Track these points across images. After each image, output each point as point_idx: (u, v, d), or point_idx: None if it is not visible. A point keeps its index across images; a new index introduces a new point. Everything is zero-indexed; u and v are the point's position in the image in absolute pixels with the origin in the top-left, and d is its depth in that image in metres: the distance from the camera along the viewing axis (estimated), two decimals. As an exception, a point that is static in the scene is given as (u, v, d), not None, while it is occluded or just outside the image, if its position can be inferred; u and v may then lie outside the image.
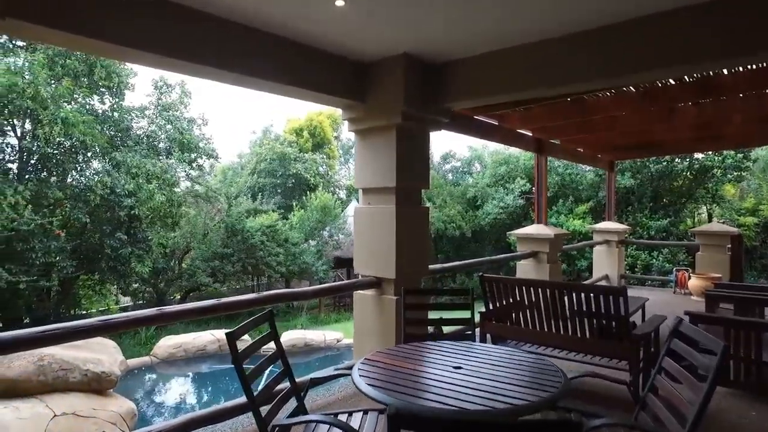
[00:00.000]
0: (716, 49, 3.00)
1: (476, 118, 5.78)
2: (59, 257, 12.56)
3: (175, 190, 15.95)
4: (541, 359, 2.56)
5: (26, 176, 12.98)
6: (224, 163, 28.57)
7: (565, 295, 3.64)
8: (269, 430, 2.21)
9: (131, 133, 15.56)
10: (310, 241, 20.95)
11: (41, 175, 13.39)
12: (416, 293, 3.93)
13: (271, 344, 2.61)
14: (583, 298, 3.52)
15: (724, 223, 14.43)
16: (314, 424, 2.25)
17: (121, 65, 14.48)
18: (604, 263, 9.56)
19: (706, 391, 1.83)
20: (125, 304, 17.60)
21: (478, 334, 4.01)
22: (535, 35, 3.57)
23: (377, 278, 4.29)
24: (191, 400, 10.85)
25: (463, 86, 4.11)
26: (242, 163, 30.25)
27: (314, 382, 2.86)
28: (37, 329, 2.43)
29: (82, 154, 13.69)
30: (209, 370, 11.76)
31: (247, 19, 3.19)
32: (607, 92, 5.28)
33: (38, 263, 12.17)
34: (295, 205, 23.09)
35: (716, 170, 17.89)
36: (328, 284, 4.99)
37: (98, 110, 14.74)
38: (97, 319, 2.68)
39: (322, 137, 30.60)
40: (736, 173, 17.93)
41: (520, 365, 2.48)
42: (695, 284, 8.01)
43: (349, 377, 2.38)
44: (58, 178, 13.59)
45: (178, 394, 11.20)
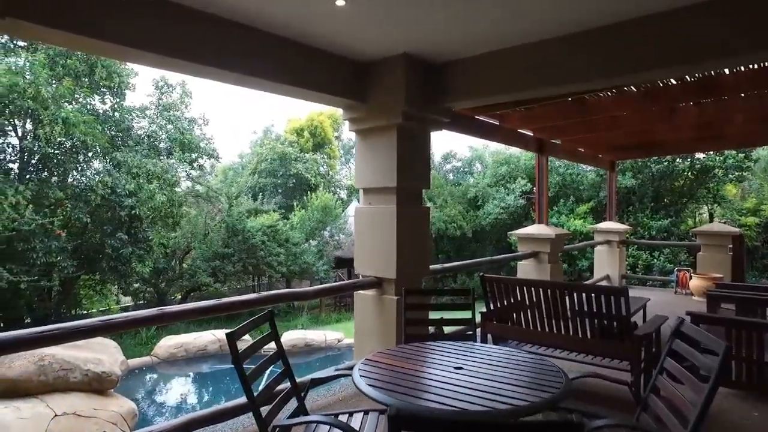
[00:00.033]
0: (716, 48, 2.99)
1: (477, 118, 5.77)
2: (60, 257, 12.57)
3: (175, 190, 15.97)
4: (542, 360, 2.56)
5: (27, 176, 12.99)
6: (225, 163, 28.63)
7: (566, 295, 3.63)
8: (270, 430, 2.20)
9: (132, 133, 15.58)
10: (310, 241, 20.95)
11: (42, 175, 13.40)
12: (417, 293, 3.93)
13: (271, 344, 2.60)
14: (584, 298, 3.51)
15: (725, 223, 14.40)
16: (315, 424, 2.24)
17: (122, 65, 14.49)
18: (605, 263, 9.55)
19: (708, 392, 1.82)
20: (126, 304, 17.61)
21: (479, 334, 4.01)
22: (535, 35, 3.56)
23: (378, 278, 4.28)
24: (192, 400, 10.84)
25: (463, 86, 4.11)
26: (243, 163, 30.27)
27: (315, 382, 2.86)
28: (37, 329, 2.43)
29: (83, 154, 13.70)
30: (210, 370, 11.76)
31: (247, 19, 3.18)
32: (608, 92, 5.26)
33: (39, 263, 12.19)
34: (295, 205, 23.08)
35: (717, 170, 17.88)
36: (328, 284, 4.98)
37: (99, 110, 14.75)
38: (97, 319, 2.68)
39: (322, 137, 30.62)
40: (737, 173, 17.92)
41: (521, 366, 2.47)
42: (696, 284, 8.00)
43: (349, 377, 2.38)
44: (59, 178, 13.60)
45: (179, 394, 11.19)
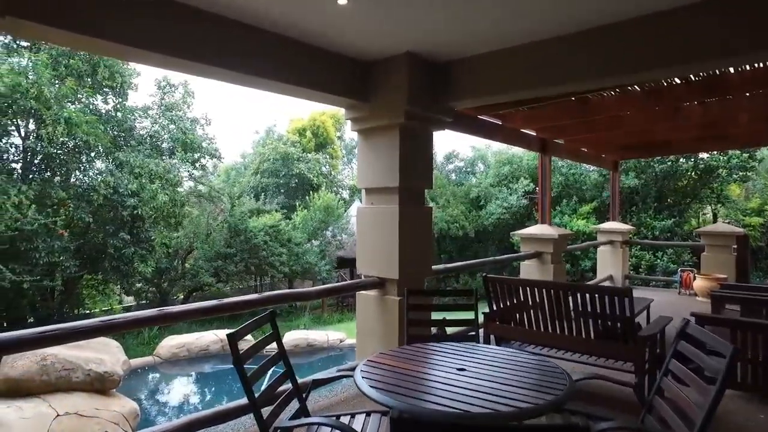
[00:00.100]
0: (716, 48, 2.98)
1: (480, 117, 5.75)
2: (63, 257, 12.58)
3: (178, 189, 15.97)
4: (545, 361, 2.53)
5: (30, 176, 13.01)
6: (227, 163, 28.63)
7: (569, 295, 3.60)
8: (271, 431, 2.19)
9: (134, 132, 15.59)
10: (313, 241, 20.94)
11: (45, 175, 13.41)
12: (419, 294, 3.91)
13: (273, 345, 2.59)
14: (587, 298, 3.48)
15: (729, 223, 14.35)
16: (316, 426, 2.22)
17: (124, 65, 14.51)
18: (608, 264, 9.51)
19: (714, 394, 1.79)
20: (128, 303, 17.64)
21: (481, 335, 3.99)
22: (535, 35, 3.55)
23: (380, 279, 4.26)
24: (194, 400, 10.84)
25: (465, 86, 4.08)
26: (245, 163, 30.29)
27: (317, 383, 2.85)
28: (39, 329, 2.42)
29: (85, 154, 13.72)
30: (212, 370, 11.75)
31: (249, 18, 3.17)
32: (611, 92, 5.23)
33: (42, 263, 12.20)
34: (298, 205, 23.08)
35: (721, 170, 17.81)
36: (330, 285, 4.97)
37: (101, 110, 14.76)
38: (98, 319, 2.67)
39: (325, 137, 30.63)
40: (741, 173, 17.84)
41: (524, 367, 2.45)
42: (700, 285, 7.96)
43: (351, 378, 2.36)
44: (61, 178, 13.61)
45: (181, 394, 11.20)
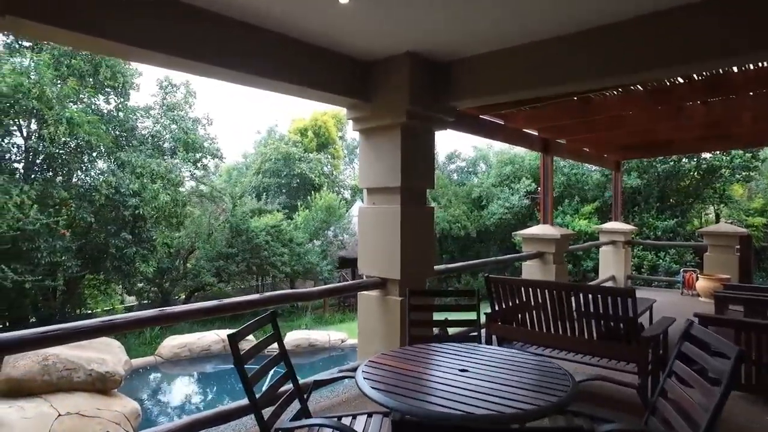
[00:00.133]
0: (716, 48, 2.98)
1: (481, 117, 5.73)
2: (64, 257, 12.60)
3: (179, 189, 15.99)
4: (548, 362, 2.52)
5: (32, 176, 13.04)
6: (229, 163, 28.62)
7: (572, 296, 3.59)
8: (272, 433, 2.18)
9: (136, 132, 15.61)
10: (314, 241, 20.94)
11: (47, 174, 13.43)
12: (421, 294, 3.90)
13: (274, 345, 2.58)
14: (590, 299, 3.46)
15: (732, 223, 14.30)
16: (317, 427, 2.21)
17: (126, 65, 14.52)
18: (610, 264, 9.49)
19: (720, 396, 1.77)
20: (130, 303, 17.65)
21: (483, 335, 3.97)
22: (535, 35, 3.54)
23: (382, 279, 4.25)
24: (196, 400, 10.84)
25: (467, 85, 4.07)
26: (247, 163, 30.29)
27: (318, 384, 2.84)
28: (41, 329, 2.42)
29: (87, 153, 13.73)
30: (214, 370, 11.75)
31: (249, 17, 3.16)
32: (614, 91, 5.21)
33: (44, 263, 12.22)
34: (299, 205, 23.09)
35: (724, 170, 17.75)
36: (332, 285, 4.96)
37: (103, 110, 14.79)
38: (100, 319, 2.67)
39: (326, 137, 30.63)
40: (744, 173, 17.78)
41: (527, 368, 2.43)
42: (703, 285, 7.93)
43: (353, 379, 2.34)
44: (63, 177, 13.63)
45: (182, 394, 11.20)
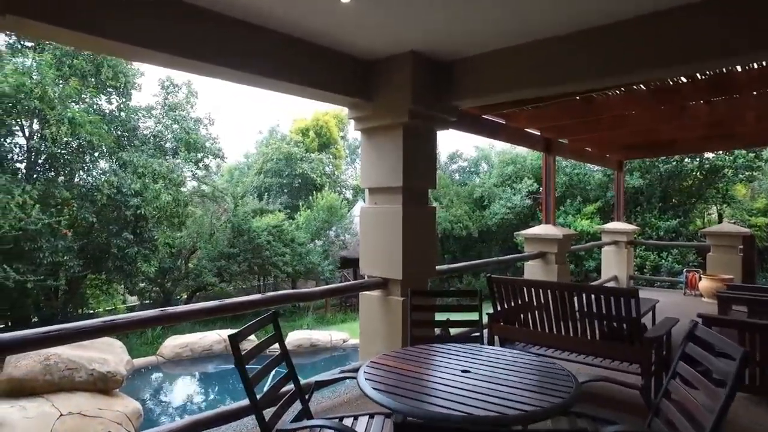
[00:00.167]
0: (716, 48, 2.97)
1: (484, 117, 5.71)
2: (66, 257, 12.61)
3: (181, 189, 15.98)
4: (551, 362, 2.50)
5: (34, 176, 13.05)
6: (231, 162, 28.65)
7: (574, 296, 3.57)
8: (273, 434, 2.16)
9: (138, 132, 15.62)
10: (316, 241, 20.94)
11: (49, 174, 13.45)
12: (423, 294, 3.88)
13: (276, 345, 2.57)
14: (593, 299, 3.45)
15: (735, 223, 14.25)
16: (318, 428, 2.19)
17: (128, 65, 14.52)
18: (612, 264, 9.46)
19: (725, 398, 1.75)
20: (132, 303, 17.66)
21: (485, 336, 3.95)
22: (535, 34, 3.53)
23: (383, 279, 4.23)
24: (198, 399, 10.85)
25: (469, 84, 4.05)
26: (249, 162, 30.31)
27: (319, 384, 2.82)
28: (43, 329, 2.42)
29: (89, 153, 13.74)
30: (215, 370, 11.75)
31: (250, 16, 3.14)
32: (616, 90, 5.18)
33: (46, 263, 12.23)
34: (301, 205, 23.09)
35: (727, 170, 17.68)
36: (334, 285, 4.94)
37: (105, 110, 14.79)
38: (101, 319, 2.66)
39: (328, 137, 30.63)
40: (747, 173, 17.72)
41: (529, 369, 2.41)
42: (706, 286, 7.90)
43: (355, 379, 2.33)
44: (65, 177, 13.65)
45: (184, 394, 11.20)
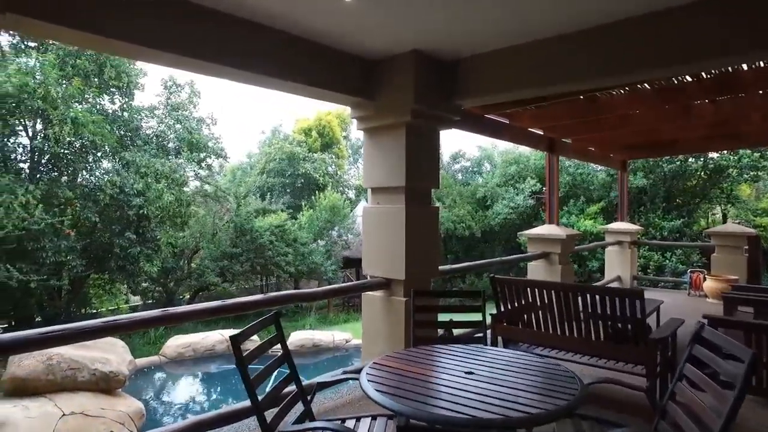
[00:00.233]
0: (716, 47, 2.96)
1: (487, 116, 5.68)
2: (69, 256, 12.62)
3: (184, 189, 15.98)
4: (555, 364, 2.47)
5: (37, 176, 13.06)
6: (233, 162, 28.67)
7: (578, 297, 3.54)
8: (275, 436, 2.14)
9: (141, 132, 15.62)
10: (319, 241, 20.91)
11: (52, 174, 13.46)
12: (426, 295, 3.86)
13: (278, 345, 2.55)
14: (597, 300, 3.42)
15: (739, 223, 14.17)
16: (320, 431, 2.17)
17: (131, 65, 14.53)
18: (616, 264, 9.41)
19: (733, 401, 1.72)
20: (135, 303, 17.67)
21: (489, 336, 3.92)
22: (536, 34, 3.52)
23: (386, 279, 4.21)
24: (200, 399, 10.85)
25: (471, 84, 4.03)
26: (251, 162, 30.31)
27: (321, 385, 2.81)
28: (44, 330, 2.40)
29: (92, 153, 13.75)
30: (218, 369, 11.76)
31: (252, 15, 3.12)
32: (620, 90, 5.15)
33: (49, 262, 12.25)
34: (304, 204, 23.07)
35: (732, 170, 17.59)
36: (336, 285, 4.92)
37: (108, 110, 14.80)
38: (103, 319, 2.65)
39: (331, 137, 30.60)
40: (752, 173, 17.60)
41: (534, 370, 2.39)
42: (711, 286, 7.85)
43: (357, 380, 2.31)
44: (68, 177, 13.66)
45: (186, 393, 11.20)
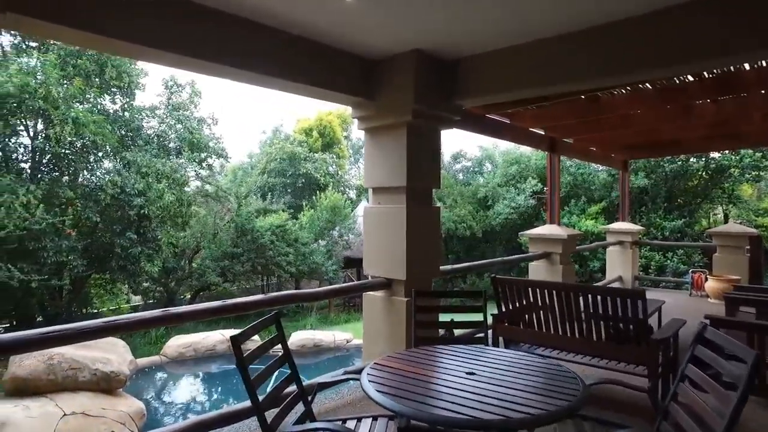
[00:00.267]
0: (716, 47, 2.95)
1: (488, 116, 5.67)
2: (71, 256, 12.63)
3: (184, 189, 15.98)
4: (556, 364, 2.47)
5: (38, 176, 13.07)
6: (234, 162, 28.66)
7: (580, 297, 3.53)
8: (275, 436, 2.14)
9: (142, 132, 15.62)
10: (319, 241, 20.91)
11: (53, 174, 13.46)
12: (427, 295, 3.85)
13: (279, 346, 2.54)
14: (599, 300, 3.41)
15: (741, 223, 14.14)
16: (321, 431, 2.17)
17: (132, 65, 14.54)
18: (617, 264, 9.40)
19: (737, 402, 1.71)
20: (136, 303, 17.68)
21: (490, 336, 3.92)
22: (536, 34, 3.50)
23: (387, 279, 4.20)
24: (201, 399, 10.85)
25: (471, 83, 4.02)
26: (252, 162, 30.31)
27: (322, 386, 2.80)
28: (45, 330, 2.40)
29: (93, 153, 13.75)
30: (219, 369, 11.76)
31: (253, 15, 3.12)
32: (622, 90, 5.13)
33: (50, 262, 12.25)
34: (304, 204, 23.07)
35: (733, 170, 17.57)
36: (337, 285, 4.92)
37: (109, 110, 14.81)
38: (104, 319, 2.64)
39: (331, 137, 30.60)
40: (754, 173, 17.58)
41: (535, 371, 2.38)
42: (712, 286, 7.84)
43: (358, 380, 2.31)
44: (69, 177, 13.66)
45: (187, 393, 11.21)
